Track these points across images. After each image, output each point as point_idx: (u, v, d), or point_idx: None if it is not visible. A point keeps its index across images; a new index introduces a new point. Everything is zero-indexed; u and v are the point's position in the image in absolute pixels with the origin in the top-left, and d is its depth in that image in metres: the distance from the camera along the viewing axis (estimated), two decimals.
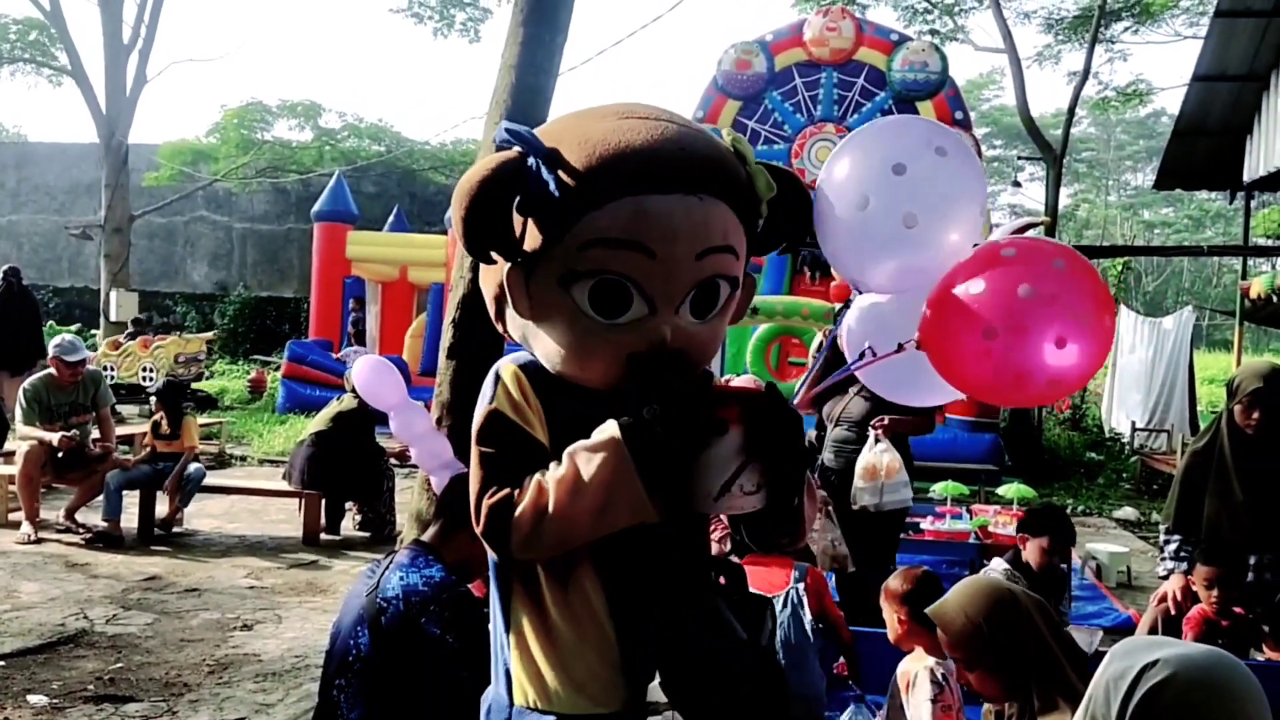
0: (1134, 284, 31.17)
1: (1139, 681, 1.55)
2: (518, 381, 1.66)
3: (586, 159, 1.52)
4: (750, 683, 1.55)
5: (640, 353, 1.56)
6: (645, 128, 1.56)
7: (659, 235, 1.52)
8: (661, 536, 1.61)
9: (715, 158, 1.59)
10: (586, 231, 1.52)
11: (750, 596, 1.68)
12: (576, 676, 1.62)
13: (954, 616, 2.31)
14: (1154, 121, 40.64)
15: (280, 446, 11.47)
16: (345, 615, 2.89)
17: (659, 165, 1.52)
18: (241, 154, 21.94)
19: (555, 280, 1.55)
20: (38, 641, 4.83)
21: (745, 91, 14.02)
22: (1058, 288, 1.87)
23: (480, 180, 1.53)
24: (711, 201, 1.55)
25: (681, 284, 1.56)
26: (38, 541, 6.81)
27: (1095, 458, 13.06)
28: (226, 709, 4.11)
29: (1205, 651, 1.63)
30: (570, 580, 1.62)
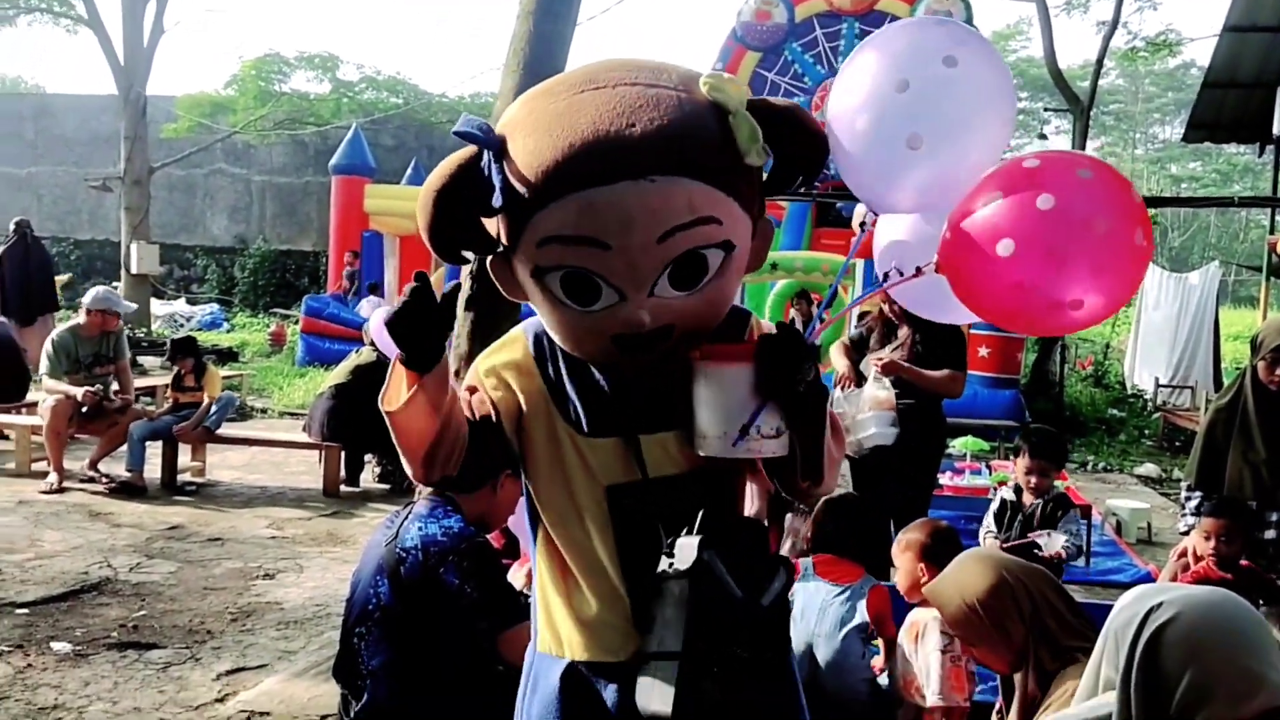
0: (1160, 239, 30.83)
1: (1145, 624, 1.58)
2: (524, 350, 1.71)
3: (529, 155, 1.48)
4: (743, 641, 1.54)
5: (625, 335, 1.55)
6: (594, 106, 1.48)
7: (610, 228, 1.46)
8: (678, 491, 1.63)
9: (669, 132, 1.47)
10: (539, 230, 1.49)
11: (762, 558, 1.65)
12: (588, 625, 1.67)
13: (949, 598, 2.33)
14: (1183, 73, 39.88)
15: (300, 399, 11.54)
16: (365, 565, 2.90)
17: (600, 153, 1.45)
18: (259, 106, 21.87)
19: (529, 273, 1.55)
20: (61, 590, 4.89)
21: (765, 43, 13.84)
22: (1081, 198, 1.72)
23: (436, 191, 1.54)
24: (667, 180, 1.46)
25: (647, 269, 1.50)
26: (61, 491, 6.89)
27: (1117, 414, 12.98)
28: (249, 656, 4.16)
29: (1209, 592, 1.66)
30: (582, 532, 1.66)
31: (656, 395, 1.64)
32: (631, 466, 1.64)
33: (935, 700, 2.83)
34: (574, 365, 1.67)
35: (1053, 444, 4.45)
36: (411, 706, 2.79)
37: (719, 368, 1.55)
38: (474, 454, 1.63)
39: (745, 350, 1.54)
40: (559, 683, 1.69)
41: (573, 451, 1.66)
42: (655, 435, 1.65)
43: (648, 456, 1.64)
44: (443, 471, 1.60)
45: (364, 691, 2.84)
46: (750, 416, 1.52)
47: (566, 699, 1.68)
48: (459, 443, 1.59)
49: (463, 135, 1.51)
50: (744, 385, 1.53)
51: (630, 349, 1.57)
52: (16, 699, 3.64)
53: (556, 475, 1.68)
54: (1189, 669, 1.54)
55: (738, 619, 1.54)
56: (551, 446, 1.68)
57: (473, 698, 2.75)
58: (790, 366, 1.51)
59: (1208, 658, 1.54)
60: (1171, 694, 1.54)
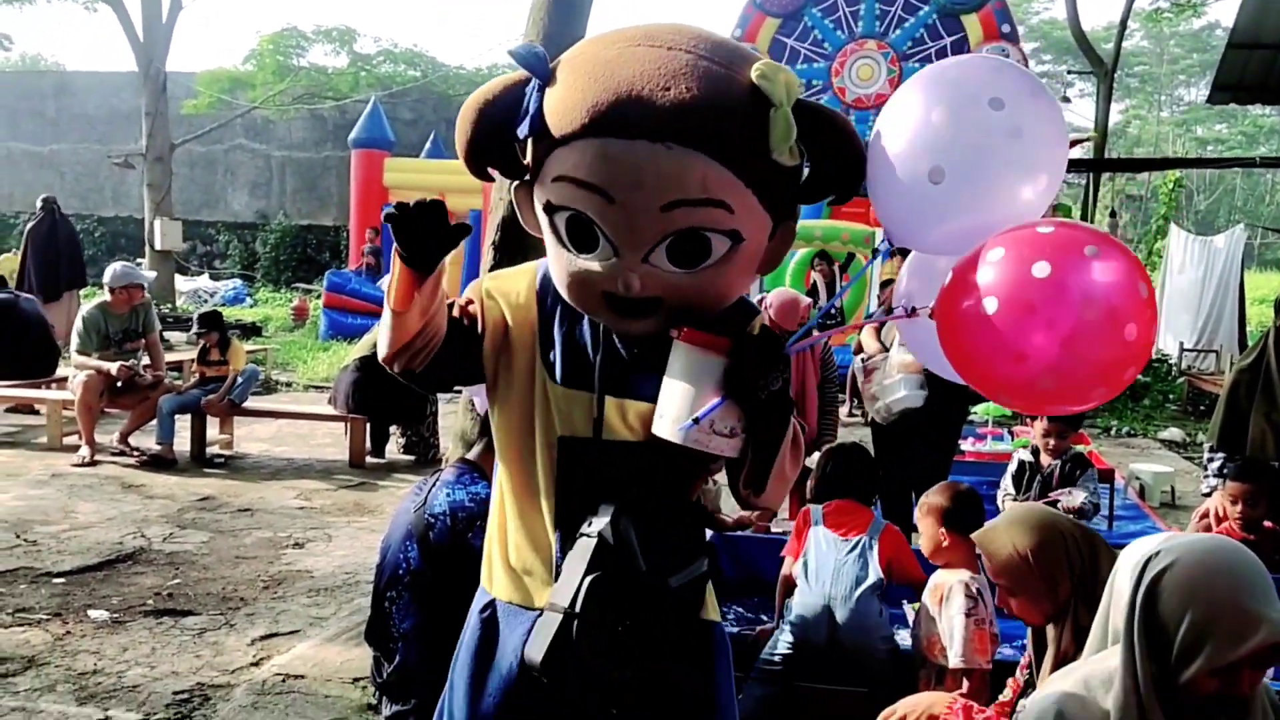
0: (1185, 202, 30.48)
1: (1144, 572, 1.62)
2: (530, 283, 1.72)
3: (568, 92, 1.49)
4: (635, 613, 1.56)
5: (614, 294, 1.55)
6: (645, 61, 1.48)
7: (618, 182, 1.47)
8: (626, 458, 1.64)
9: (703, 105, 1.45)
10: (556, 166, 1.52)
11: (684, 541, 1.66)
12: (513, 568, 1.72)
13: (1000, 545, 2.32)
14: (1208, 34, 39.27)
15: (324, 373, 11.65)
16: (394, 531, 2.96)
17: (630, 108, 1.45)
18: (278, 81, 21.89)
19: (542, 206, 1.58)
20: (97, 559, 4.99)
21: (784, 9, 13.74)
22: (1079, 273, 1.57)
23: (480, 105, 1.57)
24: (684, 151, 1.45)
25: (646, 233, 1.50)
26: (93, 464, 7.00)
27: (1141, 379, 12.91)
28: (282, 621, 4.24)
29: (1205, 538, 1.71)
30: (529, 475, 1.69)
31: (635, 363, 1.65)
32: (589, 423, 1.65)
33: (958, 662, 2.86)
34: (568, 312, 1.69)
35: None
36: (441, 668, 2.85)
37: (693, 351, 1.54)
38: (446, 358, 1.63)
39: (721, 342, 1.53)
40: (478, 616, 1.76)
41: (541, 394, 1.68)
42: (621, 399, 1.65)
43: (608, 418, 1.65)
44: (408, 365, 1.61)
45: (395, 654, 2.91)
46: (707, 409, 1.51)
47: (482, 634, 1.75)
48: (432, 344, 1.60)
49: (517, 57, 1.53)
50: (709, 376, 1.52)
51: (618, 308, 1.58)
52: (56, 664, 3.74)
53: (523, 414, 1.69)
54: (1188, 611, 1.58)
55: (633, 591, 1.55)
56: (523, 382, 1.69)
57: None
58: (759, 370, 1.50)
59: (1205, 599, 1.57)
60: (1173, 638, 1.59)
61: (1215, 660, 1.56)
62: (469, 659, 1.76)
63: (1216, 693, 1.61)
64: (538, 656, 1.54)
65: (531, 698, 1.66)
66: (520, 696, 1.67)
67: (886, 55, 13.58)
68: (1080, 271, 1.58)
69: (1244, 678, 1.61)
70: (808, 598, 3.30)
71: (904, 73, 13.38)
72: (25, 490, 6.29)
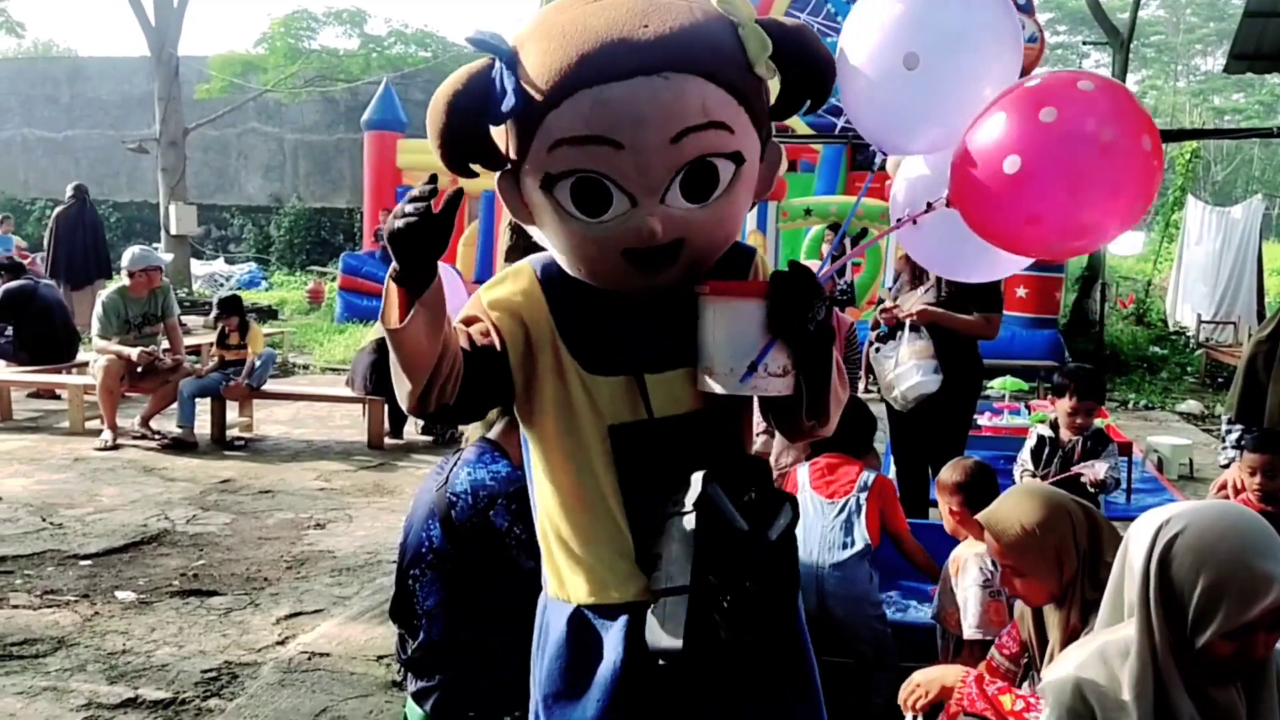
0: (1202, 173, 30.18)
1: (1156, 540, 1.64)
2: (530, 281, 1.67)
3: (542, 57, 1.47)
4: (751, 575, 1.54)
5: (636, 248, 1.52)
6: (607, 11, 1.48)
7: (623, 124, 1.44)
8: (683, 430, 1.62)
9: (683, 29, 1.47)
10: (551, 132, 1.47)
11: (767, 493, 1.62)
12: (591, 568, 1.65)
13: (1008, 524, 2.32)
14: (1225, 2, 38.86)
15: (341, 355, 11.71)
16: (417, 510, 2.99)
17: (613, 50, 1.44)
18: (290, 64, 21.87)
19: (538, 185, 1.52)
20: (122, 541, 5.06)
21: None
22: (1083, 108, 1.67)
23: (448, 97, 1.53)
24: (681, 78, 1.45)
25: (660, 171, 1.48)
26: (115, 448, 7.07)
27: (1159, 352, 12.86)
28: (306, 601, 4.30)
29: (1215, 503, 1.74)
30: (586, 472, 1.64)
31: (662, 333, 1.62)
32: (637, 406, 1.62)
33: (973, 633, 2.88)
34: (582, 299, 1.64)
35: (1095, 382, 4.46)
36: (465, 644, 2.90)
37: (730, 302, 1.53)
38: (475, 383, 1.57)
39: (758, 287, 1.54)
40: (565, 628, 1.68)
41: (579, 388, 1.63)
42: (661, 374, 1.63)
43: (653, 396, 1.62)
44: (439, 400, 1.53)
45: (420, 630, 2.94)
46: (760, 353, 1.51)
47: (573, 645, 1.67)
48: (455, 370, 1.53)
49: (475, 43, 1.50)
50: (754, 322, 1.52)
51: (642, 263, 1.54)
52: (86, 645, 3.80)
53: (561, 412, 1.65)
54: (1200, 575, 1.59)
55: (745, 553, 1.53)
56: (557, 382, 1.64)
57: (522, 635, 2.84)
58: (802, 305, 1.50)
59: (1216, 562, 1.59)
60: (1187, 603, 1.60)
61: (1230, 622, 1.58)
62: (562, 671, 1.68)
63: (1232, 656, 1.63)
64: (676, 643, 1.49)
65: (642, 695, 1.61)
66: (630, 696, 1.61)
67: None
68: (1084, 105, 1.69)
69: (1259, 640, 1.63)
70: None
71: None
72: (49, 474, 6.37)
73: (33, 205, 24.90)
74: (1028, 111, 1.68)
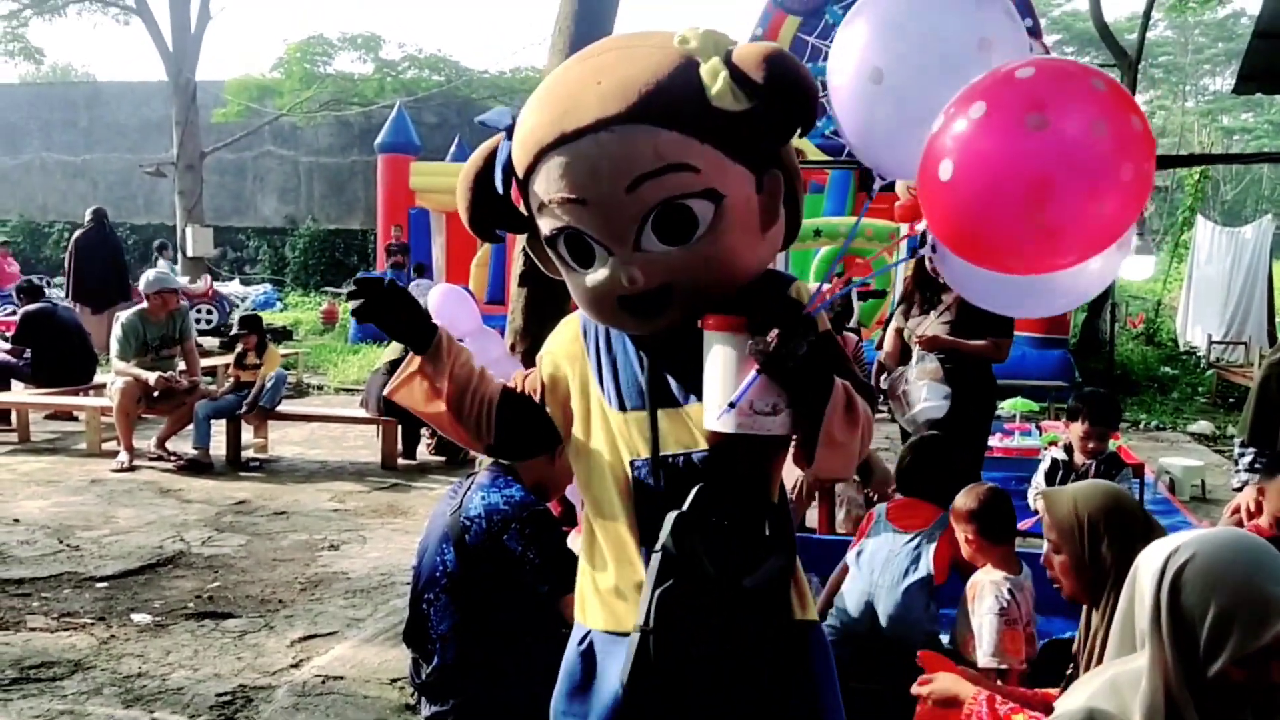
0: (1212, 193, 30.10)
1: (1165, 569, 1.64)
2: (575, 327, 1.81)
3: (522, 130, 1.60)
4: (722, 620, 1.55)
5: (626, 295, 1.58)
6: (574, 72, 1.59)
7: (580, 182, 1.52)
8: (689, 467, 1.64)
9: (631, 79, 1.50)
10: (536, 196, 1.60)
11: (754, 538, 1.61)
12: (605, 597, 1.73)
13: (1062, 502, 2.37)
14: (1233, 23, 38.79)
15: (355, 375, 11.77)
16: (431, 534, 3.03)
17: (566, 115, 1.53)
18: (305, 88, 22.10)
19: (547, 243, 1.66)
20: (138, 563, 5.10)
21: (805, 6, 13.69)
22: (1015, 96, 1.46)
23: (470, 176, 1.69)
24: (627, 129, 1.49)
25: (623, 220, 1.53)
26: (132, 469, 7.13)
27: (1170, 372, 12.83)
28: (320, 623, 4.32)
29: (1223, 530, 1.75)
30: (610, 505, 1.72)
31: (675, 368, 1.65)
32: (648, 442, 1.67)
33: (988, 661, 2.85)
34: (608, 340, 1.74)
35: (1109, 407, 4.47)
36: (479, 668, 2.92)
37: (715, 336, 1.52)
38: (513, 425, 1.79)
39: (737, 320, 1.49)
40: (577, 650, 1.76)
41: (604, 424, 1.71)
42: (671, 409, 1.65)
43: (663, 432, 1.65)
44: (478, 440, 1.79)
45: (434, 655, 2.97)
46: (741, 389, 1.46)
47: (582, 666, 1.75)
48: (482, 416, 1.76)
49: (484, 125, 1.67)
50: (738, 356, 1.48)
51: (635, 310, 1.60)
52: (103, 668, 3.83)
53: (591, 446, 1.74)
54: (1211, 602, 1.59)
55: (709, 598, 1.53)
56: (591, 421, 1.74)
57: (534, 658, 2.87)
58: (782, 339, 1.43)
59: (1226, 588, 1.59)
60: (1199, 631, 1.60)
61: (1242, 649, 1.58)
62: (570, 692, 1.75)
63: (1246, 684, 1.63)
64: (621, 680, 1.55)
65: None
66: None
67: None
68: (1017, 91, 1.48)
69: (1273, 667, 1.63)
70: (854, 584, 3.29)
71: None
72: (66, 496, 6.42)
73: (51, 228, 25.15)
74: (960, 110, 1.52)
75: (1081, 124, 1.43)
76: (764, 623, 1.62)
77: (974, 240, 1.55)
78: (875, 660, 3.18)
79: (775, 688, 1.67)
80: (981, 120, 1.47)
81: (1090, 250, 1.51)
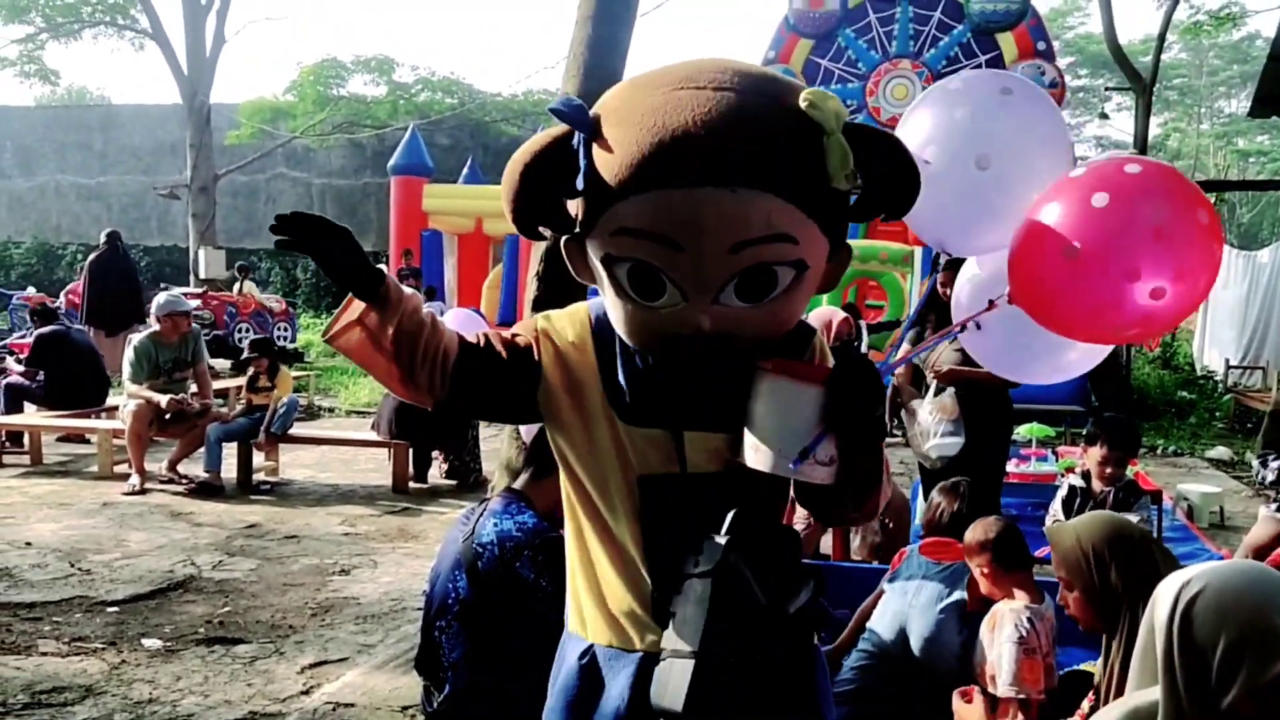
0: (1228, 216, 30.03)
1: (1177, 603, 1.63)
2: (583, 325, 1.71)
3: (618, 143, 1.47)
4: (761, 647, 1.55)
5: (682, 335, 1.54)
6: (692, 105, 1.46)
7: (684, 230, 1.46)
8: (713, 490, 1.62)
9: (759, 146, 1.44)
10: (615, 220, 1.49)
11: (792, 566, 1.62)
12: (609, 611, 1.68)
13: (1066, 537, 2.38)
14: (1249, 45, 38.83)
15: (366, 398, 11.77)
16: (443, 560, 3.00)
17: (688, 155, 1.43)
18: (318, 110, 22.29)
19: (600, 259, 1.55)
20: (149, 588, 5.08)
21: (818, 30, 13.76)
22: (1134, 190, 1.68)
23: (523, 164, 1.54)
24: (749, 193, 1.44)
25: (715, 277, 1.49)
26: (143, 493, 7.13)
27: (1187, 397, 12.75)
28: (330, 649, 4.29)
29: (1237, 563, 1.74)
30: (611, 517, 1.66)
31: (707, 393, 1.62)
32: (670, 459, 1.63)
33: (1006, 690, 2.84)
34: (630, 351, 1.66)
35: (1128, 433, 4.43)
36: (491, 696, 2.89)
37: (789, 384, 1.52)
38: (495, 385, 1.66)
39: (820, 373, 1.51)
40: (577, 663, 1.71)
41: (611, 436, 1.65)
42: (699, 433, 1.63)
43: (689, 452, 1.63)
44: (429, 395, 1.64)
45: (446, 683, 2.94)
46: (812, 441, 1.49)
47: (582, 681, 1.70)
48: (436, 370, 1.62)
49: (558, 113, 1.50)
50: (809, 407, 1.50)
51: (683, 349, 1.57)
52: (113, 694, 3.80)
53: (591, 456, 1.67)
54: (1221, 635, 1.58)
55: (758, 624, 1.53)
56: (592, 426, 1.67)
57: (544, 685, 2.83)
58: (862, 400, 1.49)
59: (1236, 620, 1.58)
60: (1210, 663, 1.59)
61: (1253, 680, 1.56)
62: (567, 705, 1.72)
63: (1258, 718, 1.61)
64: (676, 705, 1.49)
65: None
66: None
67: (921, 74, 13.56)
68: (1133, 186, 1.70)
69: None
70: (888, 607, 3.29)
71: None
72: (77, 519, 6.41)
73: (65, 250, 25.32)
74: (1080, 200, 1.72)
75: None
76: (797, 647, 1.64)
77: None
78: (907, 687, 3.16)
79: (789, 707, 1.68)
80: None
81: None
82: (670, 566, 1.59)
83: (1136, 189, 1.68)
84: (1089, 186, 1.70)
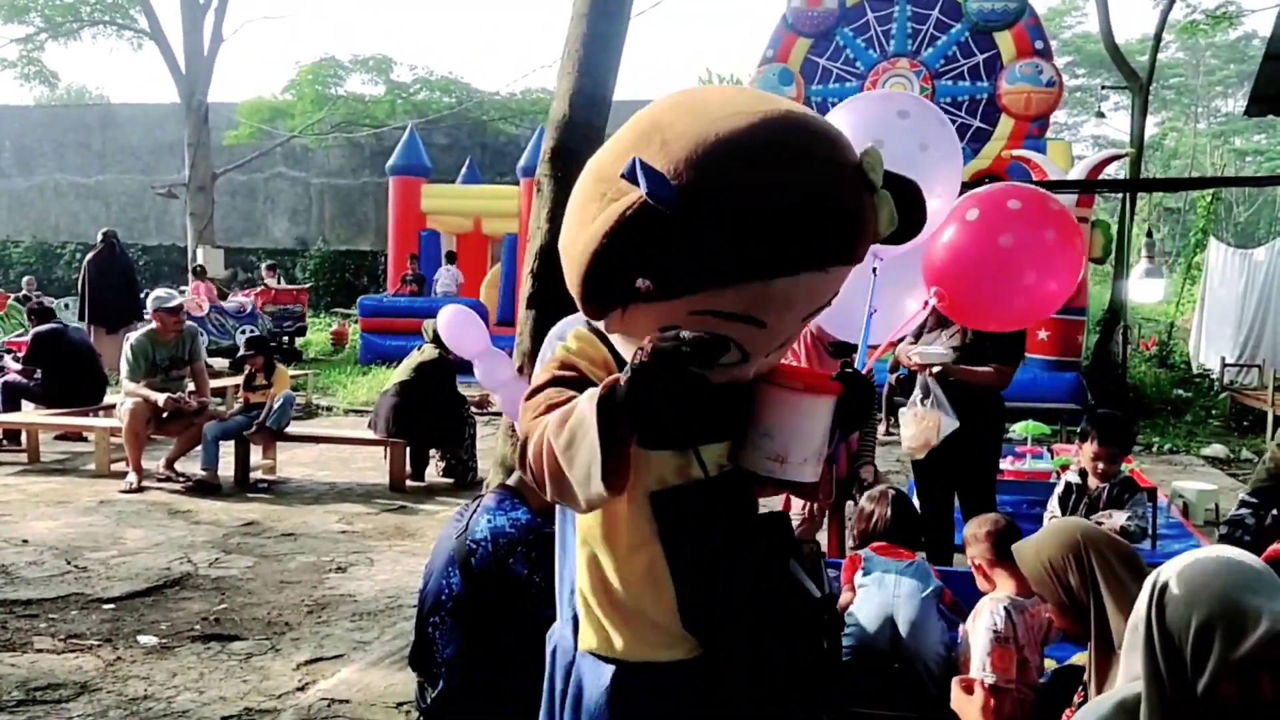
0: (1224, 214, 30.02)
1: (1154, 589, 1.70)
2: (606, 360, 1.63)
3: (715, 232, 1.36)
4: (828, 634, 1.63)
5: (721, 381, 1.54)
6: (789, 184, 1.38)
7: (775, 311, 1.47)
8: (721, 486, 1.63)
9: (848, 224, 1.44)
10: (705, 303, 1.43)
11: (815, 555, 1.72)
12: (637, 628, 1.65)
13: (1029, 556, 2.42)
14: (1245, 44, 38.84)
15: (364, 397, 11.78)
16: (437, 557, 3.01)
17: (789, 246, 1.39)
18: (316, 110, 22.26)
19: (657, 324, 1.41)
20: (145, 585, 5.09)
21: (816, 28, 13.76)
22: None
23: (594, 254, 1.41)
24: (836, 270, 1.48)
25: (779, 340, 1.56)
26: (140, 490, 7.13)
27: (1183, 395, 12.76)
28: (326, 646, 4.30)
29: (1207, 549, 1.78)
30: (631, 540, 1.63)
31: (715, 409, 1.60)
32: (682, 472, 1.62)
33: (978, 674, 2.89)
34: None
35: (1121, 429, 4.43)
36: (484, 692, 2.90)
37: (807, 397, 1.57)
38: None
39: (835, 386, 1.60)
40: (609, 687, 1.66)
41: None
42: (710, 446, 1.63)
43: (707, 461, 1.62)
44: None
45: (439, 679, 2.95)
46: (830, 446, 1.60)
47: (616, 704, 1.65)
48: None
49: (652, 196, 1.34)
50: (827, 416, 1.59)
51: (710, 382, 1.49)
52: (109, 690, 3.81)
53: None
54: (1192, 617, 1.62)
55: (812, 616, 1.60)
56: None
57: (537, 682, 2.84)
58: (865, 410, 1.63)
59: (1204, 602, 1.62)
60: (1183, 647, 1.63)
61: (1224, 659, 1.59)
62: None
63: (1240, 702, 1.63)
64: (817, 591, 1.61)
65: None
66: None
67: (919, 73, 13.57)
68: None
69: (1264, 683, 1.61)
70: (868, 602, 3.30)
71: (936, 91, 13.37)
72: (74, 517, 6.42)
73: (63, 249, 25.32)
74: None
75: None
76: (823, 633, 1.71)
77: None
78: (893, 673, 3.18)
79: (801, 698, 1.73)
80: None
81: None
82: (694, 574, 1.61)
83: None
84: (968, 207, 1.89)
